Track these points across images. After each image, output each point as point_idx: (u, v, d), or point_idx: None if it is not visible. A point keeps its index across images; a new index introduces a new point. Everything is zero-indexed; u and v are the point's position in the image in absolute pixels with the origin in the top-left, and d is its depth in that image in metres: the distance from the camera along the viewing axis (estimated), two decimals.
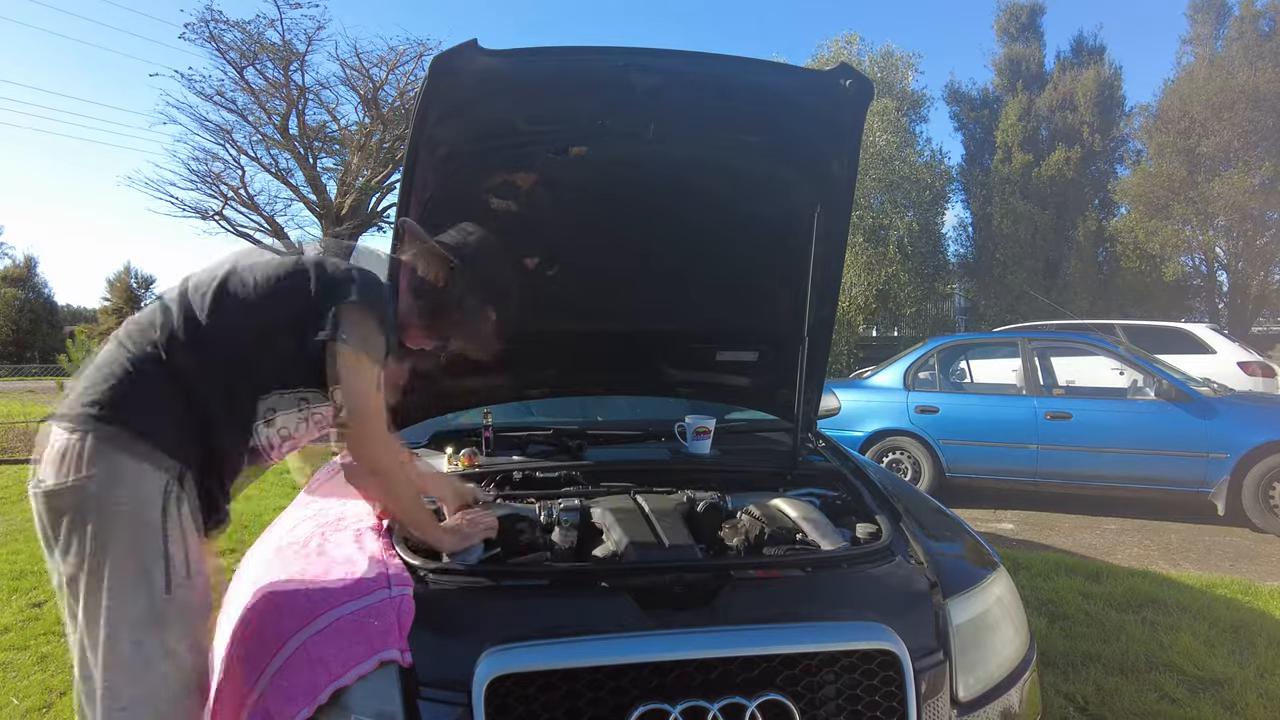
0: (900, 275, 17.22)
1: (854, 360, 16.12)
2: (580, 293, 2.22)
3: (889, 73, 18.02)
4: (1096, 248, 18.83)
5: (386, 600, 1.28)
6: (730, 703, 1.17)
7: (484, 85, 1.61)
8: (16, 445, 8.74)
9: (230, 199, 16.99)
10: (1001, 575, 1.66)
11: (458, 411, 2.60)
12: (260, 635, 1.29)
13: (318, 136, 17.34)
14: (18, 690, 2.66)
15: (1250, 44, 16.23)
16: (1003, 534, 5.10)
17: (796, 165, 1.98)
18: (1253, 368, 7.89)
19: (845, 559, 1.53)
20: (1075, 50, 20.87)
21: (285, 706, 1.16)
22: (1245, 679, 2.65)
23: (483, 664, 1.17)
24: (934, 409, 5.99)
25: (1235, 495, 4.98)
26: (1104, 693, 2.57)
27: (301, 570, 1.43)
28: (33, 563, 4.18)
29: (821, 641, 1.27)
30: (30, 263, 33.85)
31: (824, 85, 1.72)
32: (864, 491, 1.92)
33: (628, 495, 1.89)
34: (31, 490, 1.25)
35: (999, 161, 19.76)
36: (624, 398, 2.95)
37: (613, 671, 1.19)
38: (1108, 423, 5.39)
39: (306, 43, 15.62)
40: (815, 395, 2.37)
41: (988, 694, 1.42)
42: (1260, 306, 17.43)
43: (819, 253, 2.05)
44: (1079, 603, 3.43)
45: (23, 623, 3.30)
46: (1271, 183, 15.28)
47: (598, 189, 2.00)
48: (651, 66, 1.67)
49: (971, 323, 19.69)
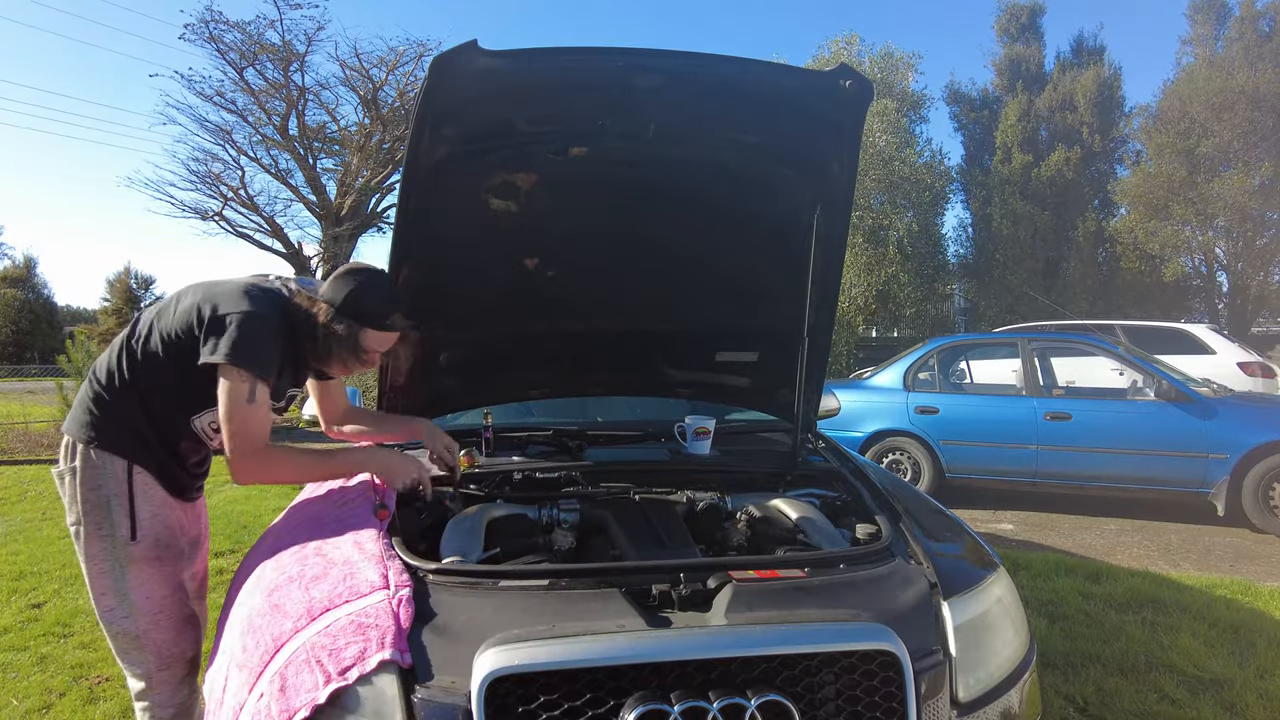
0: (900, 276, 17.21)
1: (854, 361, 16.11)
2: (580, 293, 2.22)
3: (889, 73, 18.01)
4: (1096, 248, 18.83)
5: (386, 600, 1.28)
6: (730, 703, 1.17)
7: (484, 86, 1.62)
8: (16, 446, 8.73)
9: (230, 199, 16.97)
10: (1001, 576, 1.66)
11: (458, 412, 2.60)
12: (260, 636, 1.29)
13: (317, 137, 17.33)
14: (17, 691, 2.66)
15: (1250, 44, 16.24)
16: (1002, 534, 5.10)
17: (796, 165, 1.98)
18: (1252, 368, 7.89)
19: (845, 559, 1.53)
20: (1075, 51, 20.89)
21: (285, 707, 1.16)
22: (1245, 679, 2.65)
23: (482, 664, 1.17)
24: (934, 409, 5.99)
25: (1235, 496, 4.98)
26: (1104, 693, 2.57)
27: (301, 571, 1.43)
28: (32, 563, 4.18)
29: (821, 642, 1.27)
30: (30, 263, 33.82)
31: (824, 85, 1.72)
32: (864, 492, 1.92)
33: (628, 496, 1.89)
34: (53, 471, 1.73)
35: (999, 162, 19.77)
36: (624, 398, 2.95)
37: (612, 672, 1.19)
38: (1107, 423, 5.39)
39: (306, 43, 15.61)
40: (815, 396, 2.37)
41: (988, 694, 1.42)
42: (1260, 307, 17.43)
43: (819, 253, 2.05)
44: (1079, 603, 3.43)
45: (22, 623, 3.29)
46: (1271, 183, 15.29)
47: (598, 189, 2.00)
48: (651, 67, 1.67)
49: (971, 323, 19.69)
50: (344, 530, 1.58)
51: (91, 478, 1.63)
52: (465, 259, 2.07)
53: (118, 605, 1.65)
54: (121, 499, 1.64)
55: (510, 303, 2.21)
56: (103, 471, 1.64)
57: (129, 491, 1.64)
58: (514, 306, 2.22)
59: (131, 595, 1.65)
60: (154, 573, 1.67)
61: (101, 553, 1.64)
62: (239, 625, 1.38)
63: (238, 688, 1.25)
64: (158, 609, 1.67)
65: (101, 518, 1.63)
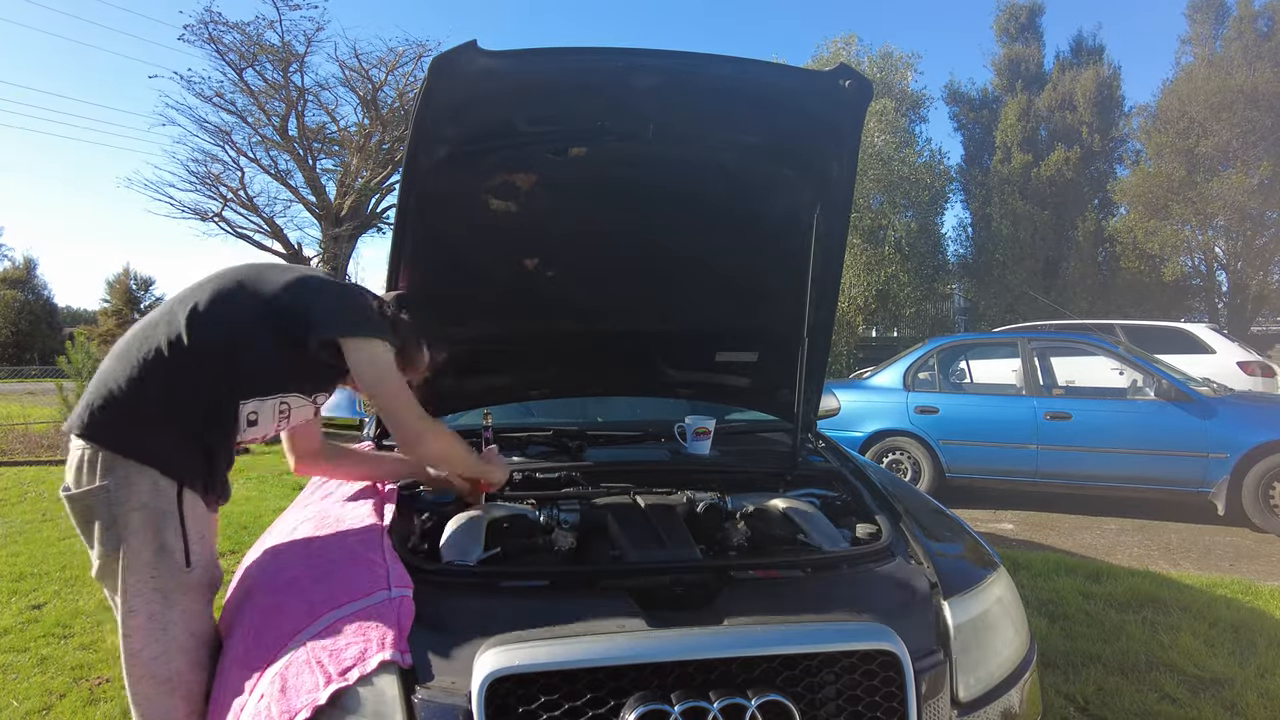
0: (900, 276, 17.22)
1: (854, 361, 16.12)
2: (580, 293, 2.22)
3: (888, 73, 18.02)
4: (1096, 248, 18.84)
5: (386, 601, 1.28)
6: (730, 703, 1.17)
7: (483, 86, 1.62)
8: (16, 447, 8.73)
9: (229, 200, 16.99)
10: (1001, 575, 1.66)
11: (458, 412, 2.60)
12: (260, 636, 1.29)
13: (317, 138, 17.34)
14: (17, 692, 2.66)
15: (1249, 44, 16.25)
16: (1003, 534, 5.10)
17: (796, 165, 1.98)
18: (1252, 367, 7.89)
19: (845, 559, 1.53)
20: (1074, 50, 20.91)
21: (285, 707, 1.16)
22: (1246, 679, 2.65)
23: (482, 664, 1.17)
24: (934, 409, 5.99)
25: (1235, 495, 4.98)
26: (1104, 693, 2.57)
27: (301, 571, 1.43)
28: (32, 565, 4.18)
29: (822, 642, 1.27)
30: (30, 264, 33.85)
31: (823, 85, 1.72)
32: (864, 492, 1.92)
33: (628, 496, 1.89)
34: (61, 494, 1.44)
35: (998, 162, 19.78)
36: (624, 398, 2.95)
37: (613, 672, 1.19)
38: (1108, 423, 5.39)
39: (306, 44, 15.63)
40: (815, 396, 2.37)
41: (988, 694, 1.42)
42: (1260, 306, 17.43)
43: (818, 253, 2.05)
44: (1079, 603, 3.43)
45: (22, 625, 3.29)
46: (1270, 182, 15.29)
47: (597, 189, 2.00)
48: (651, 67, 1.67)
49: (971, 323, 19.70)
50: (345, 530, 1.58)
51: (132, 495, 1.38)
52: (465, 259, 2.07)
53: (153, 643, 1.38)
54: (173, 518, 1.40)
55: (510, 303, 2.21)
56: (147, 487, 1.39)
57: (179, 510, 1.41)
58: (514, 306, 2.22)
59: (174, 631, 1.39)
60: (202, 606, 1.45)
61: (147, 584, 1.38)
62: (239, 626, 1.38)
63: (238, 688, 1.25)
64: (199, 647, 1.42)
65: (150, 541, 1.38)
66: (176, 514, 1.40)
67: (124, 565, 1.37)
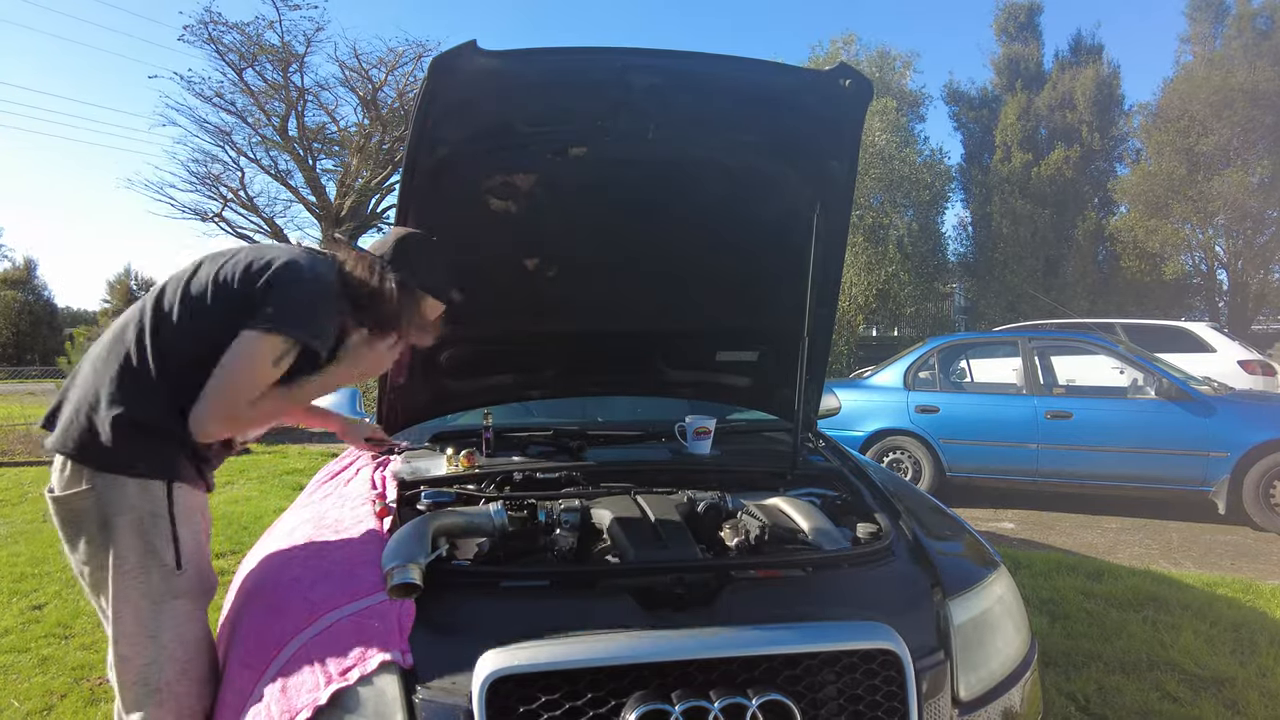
0: (900, 275, 17.22)
1: (854, 360, 16.11)
2: (580, 293, 2.22)
3: (887, 73, 18.02)
4: (1096, 247, 18.84)
5: (386, 601, 1.28)
6: (731, 703, 1.17)
7: (483, 86, 1.62)
8: (16, 448, 8.73)
9: (230, 200, 16.96)
10: (1002, 574, 1.66)
11: (458, 412, 2.60)
12: (261, 637, 1.30)
13: (317, 138, 17.32)
14: (18, 693, 2.66)
15: (1249, 42, 16.25)
16: (1003, 533, 5.10)
17: (796, 165, 1.98)
18: (1253, 366, 7.89)
19: (846, 559, 1.53)
20: (1074, 49, 20.91)
21: (286, 707, 1.16)
22: (1246, 678, 2.65)
23: (483, 664, 1.17)
24: (934, 408, 5.99)
25: (1236, 494, 4.98)
26: (1105, 691, 2.57)
27: (301, 572, 1.43)
28: (33, 565, 4.18)
29: (822, 641, 1.27)
30: (30, 265, 33.82)
31: (823, 85, 1.72)
32: (864, 491, 1.92)
33: (628, 496, 1.89)
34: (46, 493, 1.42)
35: (998, 161, 19.78)
36: (624, 398, 2.95)
37: (613, 672, 1.19)
38: (1108, 422, 5.39)
39: (305, 44, 15.59)
40: (815, 395, 2.37)
41: (989, 693, 1.42)
42: (1260, 305, 17.43)
43: (819, 252, 2.05)
44: (1080, 602, 3.43)
45: (23, 625, 3.29)
46: (1271, 181, 15.29)
47: (597, 189, 2.00)
48: (650, 67, 1.67)
49: (971, 322, 19.70)
50: (345, 531, 1.58)
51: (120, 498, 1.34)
52: (465, 259, 2.07)
53: (143, 650, 1.35)
54: (163, 520, 1.37)
55: (510, 303, 2.20)
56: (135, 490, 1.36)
57: (170, 512, 1.38)
58: (514, 306, 2.22)
59: (163, 638, 1.36)
60: (192, 610, 1.40)
61: (136, 589, 1.34)
62: (240, 626, 1.38)
63: (239, 688, 1.25)
64: (190, 655, 1.38)
65: (138, 545, 1.35)
66: (167, 515, 1.37)
67: (112, 570, 1.34)
